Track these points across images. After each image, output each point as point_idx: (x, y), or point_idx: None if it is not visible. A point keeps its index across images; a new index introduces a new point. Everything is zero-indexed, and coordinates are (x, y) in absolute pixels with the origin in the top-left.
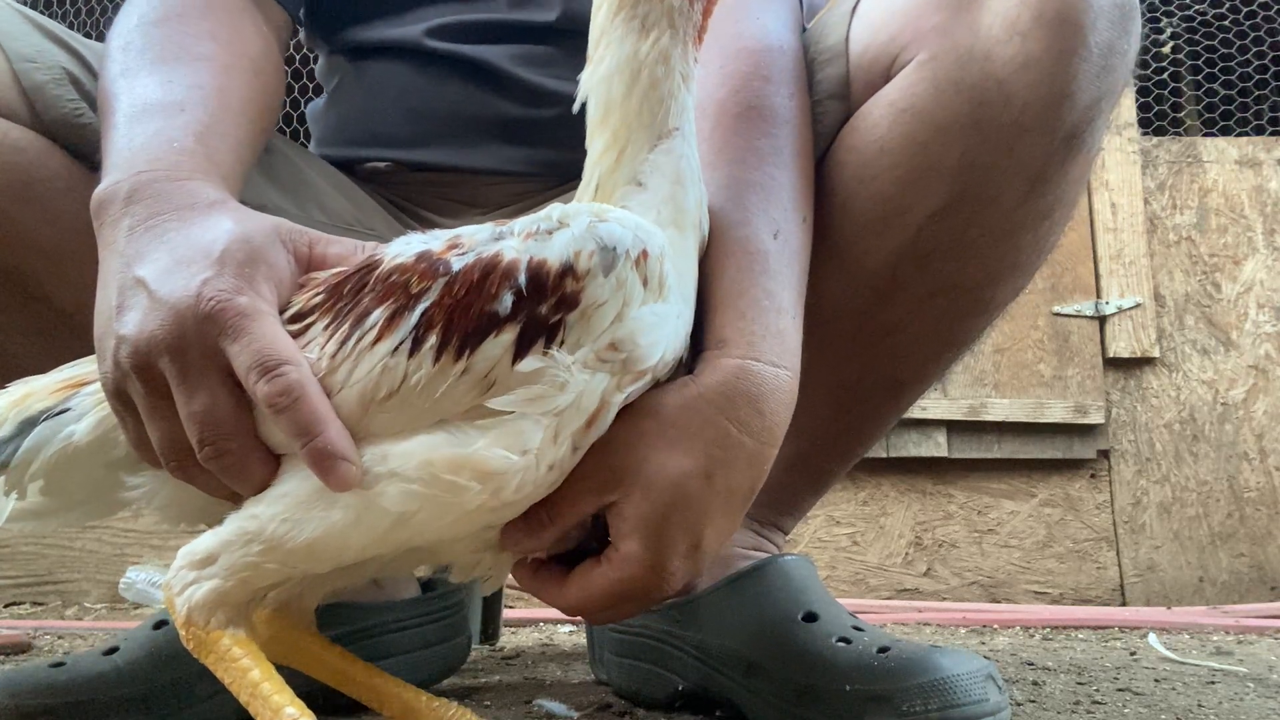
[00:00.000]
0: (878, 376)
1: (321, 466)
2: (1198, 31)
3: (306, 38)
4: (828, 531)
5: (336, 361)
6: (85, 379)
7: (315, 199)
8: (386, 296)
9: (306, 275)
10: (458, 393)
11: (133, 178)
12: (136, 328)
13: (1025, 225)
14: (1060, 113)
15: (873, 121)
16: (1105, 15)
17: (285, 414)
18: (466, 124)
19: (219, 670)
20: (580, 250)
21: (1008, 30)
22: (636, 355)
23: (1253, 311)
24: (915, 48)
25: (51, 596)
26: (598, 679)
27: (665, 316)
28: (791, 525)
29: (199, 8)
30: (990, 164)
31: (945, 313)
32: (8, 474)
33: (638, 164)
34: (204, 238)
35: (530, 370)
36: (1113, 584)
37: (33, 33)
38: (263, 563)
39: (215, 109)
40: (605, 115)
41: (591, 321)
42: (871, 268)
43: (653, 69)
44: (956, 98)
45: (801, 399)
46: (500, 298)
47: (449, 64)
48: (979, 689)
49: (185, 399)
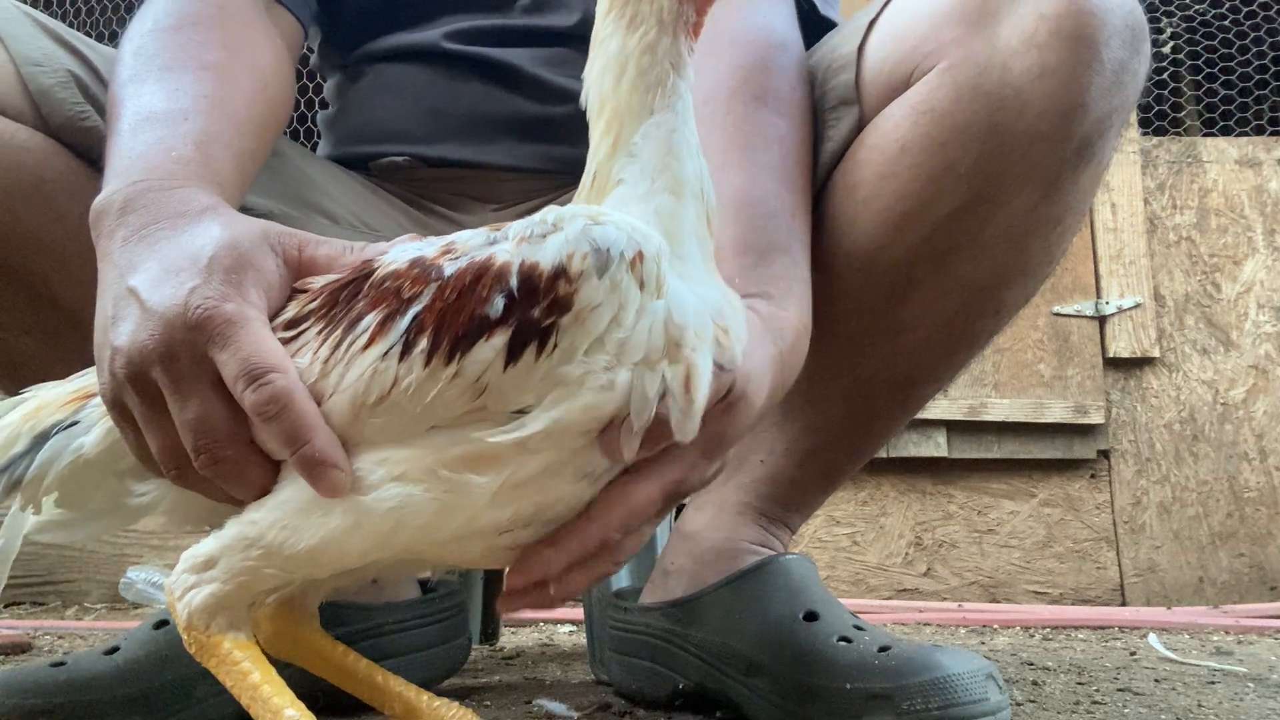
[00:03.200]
0: (890, 375)
1: (311, 473)
2: (1198, 31)
3: (319, 56)
4: (828, 531)
5: (328, 367)
6: (94, 390)
7: (319, 203)
8: (379, 302)
9: (303, 280)
10: (449, 397)
11: (128, 188)
12: (129, 339)
13: (1037, 230)
14: (1073, 122)
15: (895, 122)
16: (1118, 34)
17: (273, 422)
18: (483, 121)
19: (220, 673)
20: (573, 253)
21: (1025, 42)
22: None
23: (1253, 311)
24: (937, 56)
25: (51, 596)
26: (598, 679)
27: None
28: (799, 523)
29: (212, 16)
30: (1006, 168)
31: (958, 313)
32: (23, 489)
33: (631, 144)
34: (192, 245)
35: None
36: (1113, 584)
37: (40, 36)
38: (262, 567)
39: (219, 118)
40: (600, 107)
41: (586, 324)
42: (889, 264)
43: (639, 60)
44: (975, 102)
45: (814, 395)
46: (491, 301)
47: (468, 65)
48: (979, 688)
49: (179, 408)
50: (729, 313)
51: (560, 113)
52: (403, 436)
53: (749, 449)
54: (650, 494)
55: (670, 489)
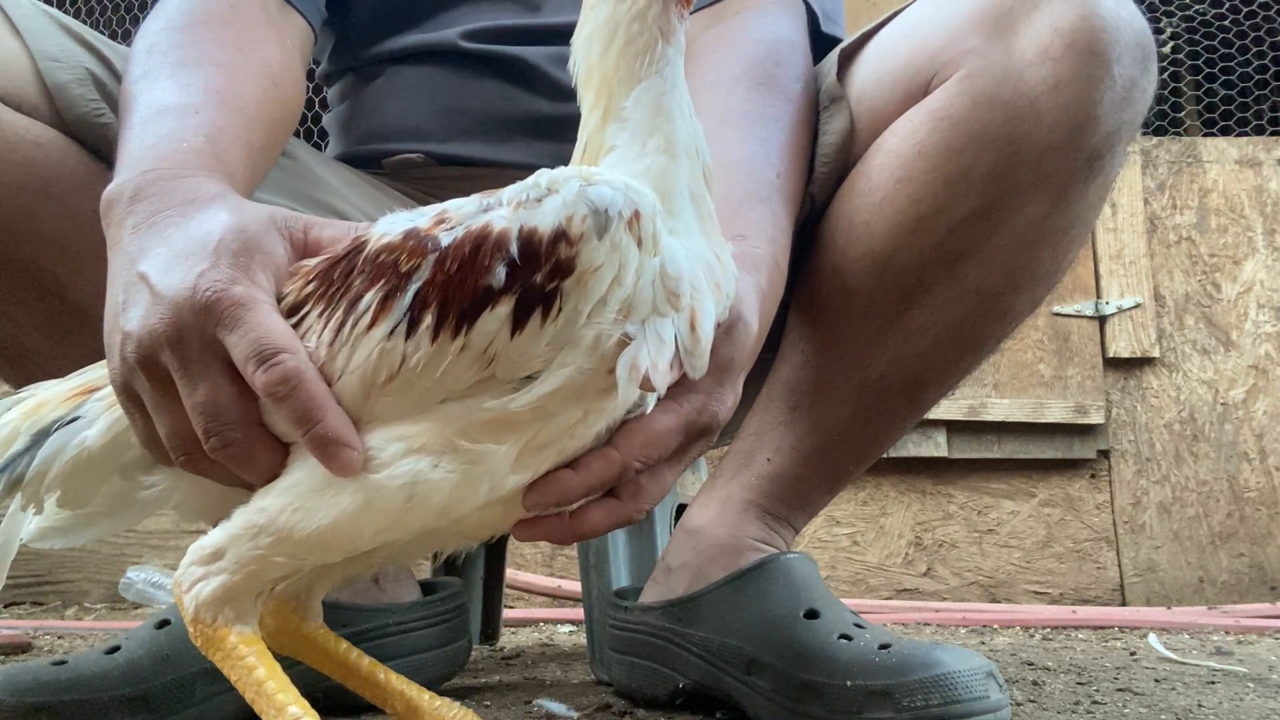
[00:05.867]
0: (899, 377)
1: (324, 453)
2: (1198, 31)
3: (329, 59)
4: (828, 531)
5: (334, 349)
6: (95, 385)
7: (329, 202)
8: (377, 278)
9: (296, 264)
10: (458, 370)
11: (138, 177)
12: (139, 323)
13: (1046, 238)
14: (1085, 134)
15: (913, 127)
16: (1129, 51)
17: (284, 402)
18: (498, 120)
19: (225, 668)
20: (572, 215)
21: (1040, 55)
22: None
23: (1253, 311)
24: (955, 65)
25: (51, 596)
26: (598, 679)
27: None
28: (803, 522)
29: (224, 16)
30: (1019, 176)
31: (967, 317)
32: (23, 488)
33: (621, 110)
34: (201, 230)
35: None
36: (1113, 584)
37: (57, 32)
38: (271, 555)
39: (229, 113)
40: (588, 75)
41: (589, 286)
42: (901, 267)
43: (628, 27)
44: (991, 110)
45: (822, 395)
46: (493, 270)
47: (484, 63)
48: (980, 686)
49: (188, 391)
50: (718, 269)
51: (576, 111)
52: (414, 411)
53: (755, 447)
54: (669, 423)
55: (689, 418)
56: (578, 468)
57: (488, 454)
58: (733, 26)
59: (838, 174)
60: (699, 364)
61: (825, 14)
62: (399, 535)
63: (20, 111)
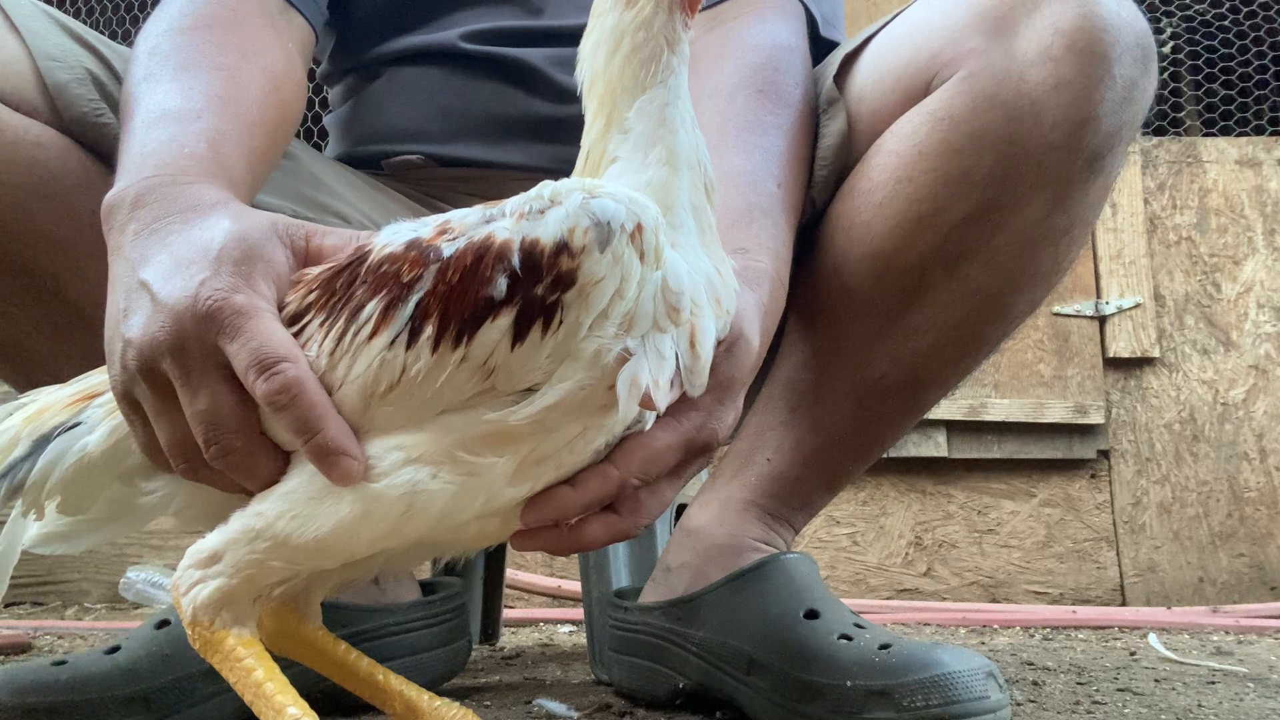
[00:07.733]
0: (899, 377)
1: (324, 462)
2: (1198, 31)
3: (329, 62)
4: (828, 531)
5: (335, 358)
6: (97, 390)
7: (330, 204)
8: (379, 288)
9: (299, 272)
10: (458, 380)
11: (140, 183)
12: (140, 330)
13: (1047, 239)
14: (1085, 134)
15: (914, 127)
16: (1129, 52)
17: (285, 411)
18: (499, 121)
19: (224, 670)
20: (574, 227)
21: (1041, 55)
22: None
23: (1253, 311)
24: (955, 65)
25: (51, 596)
26: (598, 679)
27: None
28: (803, 522)
29: (226, 19)
30: (1019, 176)
31: (967, 317)
32: (24, 494)
33: (624, 121)
34: (203, 238)
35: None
36: (1113, 584)
37: (57, 32)
38: (268, 560)
39: (231, 118)
40: (593, 82)
41: (590, 299)
42: (902, 267)
43: (633, 35)
44: (991, 111)
45: (823, 395)
46: (494, 281)
47: (484, 65)
48: (980, 686)
49: (189, 399)
50: (719, 284)
51: (576, 113)
52: (414, 422)
53: (755, 447)
54: (669, 441)
55: (689, 436)
56: (576, 485)
57: (486, 466)
58: (732, 32)
59: (836, 175)
60: (699, 381)
61: (824, 19)
62: (396, 543)
63: (20, 111)
